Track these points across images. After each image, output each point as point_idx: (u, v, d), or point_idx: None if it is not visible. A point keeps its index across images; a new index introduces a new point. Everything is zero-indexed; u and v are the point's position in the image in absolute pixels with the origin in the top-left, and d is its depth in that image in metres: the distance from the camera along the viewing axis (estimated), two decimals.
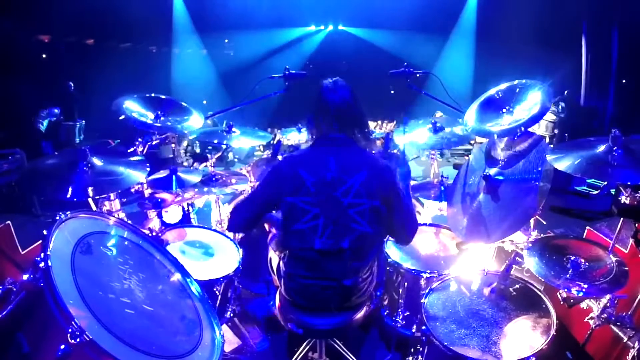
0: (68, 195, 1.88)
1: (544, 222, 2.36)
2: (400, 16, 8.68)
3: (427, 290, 2.00)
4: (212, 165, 3.17)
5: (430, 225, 2.71)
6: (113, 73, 7.21)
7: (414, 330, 2.25)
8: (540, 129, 6.15)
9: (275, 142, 3.44)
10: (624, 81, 6.41)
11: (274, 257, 2.23)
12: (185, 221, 3.52)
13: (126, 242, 1.82)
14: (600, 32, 6.72)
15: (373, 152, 2.89)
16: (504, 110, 2.26)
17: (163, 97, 2.81)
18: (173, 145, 5.76)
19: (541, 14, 7.27)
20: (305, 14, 9.43)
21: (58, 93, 6.66)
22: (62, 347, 1.19)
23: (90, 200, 2.19)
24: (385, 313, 2.45)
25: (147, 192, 2.66)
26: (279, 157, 2.54)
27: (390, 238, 2.10)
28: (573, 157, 1.78)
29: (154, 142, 2.71)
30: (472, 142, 4.38)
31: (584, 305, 1.89)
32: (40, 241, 1.44)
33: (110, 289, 1.51)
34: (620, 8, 6.38)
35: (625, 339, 1.89)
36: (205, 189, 2.92)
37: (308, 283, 1.91)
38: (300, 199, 1.83)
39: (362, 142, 1.93)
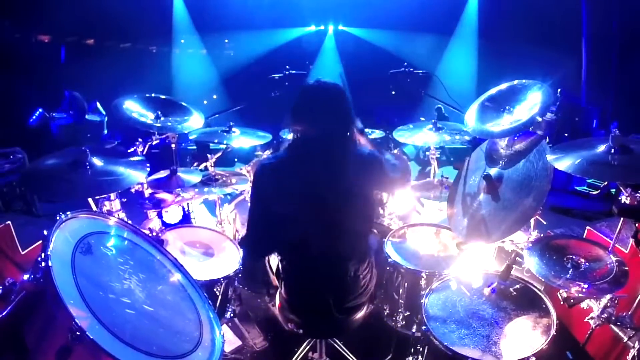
0: (68, 196, 1.88)
1: (544, 222, 2.36)
2: (400, 16, 8.66)
3: (427, 290, 2.00)
4: (212, 165, 3.17)
5: (430, 225, 2.71)
6: (113, 73, 7.20)
7: (414, 330, 2.26)
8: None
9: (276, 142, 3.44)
10: (624, 81, 6.40)
11: (271, 257, 2.24)
12: (185, 221, 3.52)
13: (126, 242, 1.82)
14: (600, 32, 6.71)
15: (372, 148, 2.85)
16: (504, 110, 2.26)
17: (163, 97, 2.82)
18: (173, 145, 5.75)
19: (542, 14, 7.26)
20: (305, 14, 9.42)
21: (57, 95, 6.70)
22: (62, 347, 1.19)
23: (90, 200, 2.19)
24: (385, 313, 2.45)
25: (147, 192, 2.66)
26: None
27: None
28: (573, 157, 1.78)
29: (154, 142, 2.71)
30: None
31: (584, 305, 1.89)
32: (41, 241, 1.44)
33: (111, 289, 1.51)
34: (620, 8, 6.37)
35: (626, 339, 1.89)
36: (206, 189, 2.92)
37: (307, 287, 1.91)
38: (288, 201, 1.78)
39: (349, 139, 1.81)
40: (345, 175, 1.73)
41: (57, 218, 1.56)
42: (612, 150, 1.74)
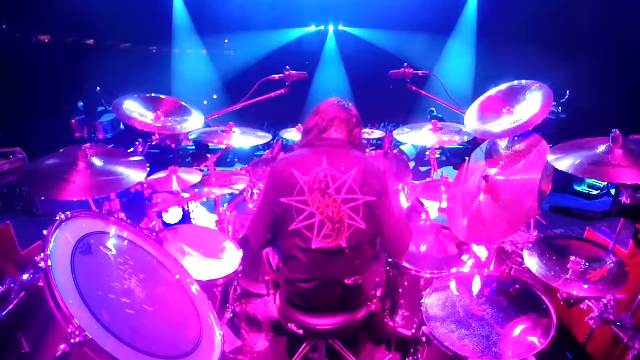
0: (68, 196, 1.88)
1: (544, 222, 2.36)
2: (400, 16, 8.67)
3: (427, 290, 2.00)
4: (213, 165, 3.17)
5: (430, 225, 2.71)
6: (113, 73, 7.21)
7: (414, 330, 2.26)
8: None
9: (275, 142, 3.44)
10: (624, 81, 6.40)
11: (270, 253, 2.24)
12: (185, 221, 3.52)
13: (126, 242, 1.82)
14: (601, 32, 6.71)
15: (373, 152, 2.90)
16: (504, 110, 2.26)
17: (163, 97, 2.81)
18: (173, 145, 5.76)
19: (542, 14, 7.26)
20: (305, 14, 9.43)
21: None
22: (62, 347, 1.19)
23: (90, 200, 2.19)
24: (385, 313, 2.45)
25: (147, 192, 2.65)
26: None
27: (385, 252, 2.10)
28: (573, 157, 1.78)
29: (153, 142, 2.70)
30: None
31: (584, 305, 1.89)
32: (40, 241, 1.43)
33: (110, 289, 1.51)
34: (621, 8, 6.37)
35: (625, 340, 1.88)
36: (206, 189, 2.92)
37: (309, 287, 1.92)
38: (294, 199, 1.84)
39: (355, 147, 1.98)
40: (349, 171, 1.84)
41: (57, 218, 1.56)
42: (612, 150, 1.74)
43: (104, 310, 1.38)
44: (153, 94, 2.80)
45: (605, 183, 5.46)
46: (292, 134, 3.67)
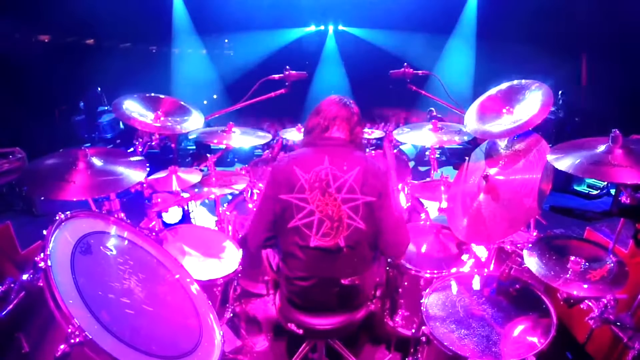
0: (68, 196, 1.88)
1: (544, 222, 2.35)
2: (400, 16, 8.67)
3: (427, 290, 2.00)
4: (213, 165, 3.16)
5: (430, 225, 2.71)
6: (113, 73, 7.21)
7: (414, 330, 2.26)
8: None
9: (275, 141, 3.44)
10: (624, 81, 6.40)
11: (270, 254, 2.24)
12: (185, 221, 3.52)
13: (126, 242, 1.82)
14: (601, 32, 6.71)
15: (373, 152, 2.90)
16: (505, 110, 2.26)
17: (163, 97, 2.81)
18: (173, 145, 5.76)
19: (542, 13, 7.26)
20: (305, 14, 9.43)
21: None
22: (62, 347, 1.19)
23: (90, 200, 2.19)
24: (385, 313, 2.45)
25: (147, 192, 2.65)
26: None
27: (383, 253, 2.09)
28: (573, 157, 1.78)
29: (153, 142, 2.70)
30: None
31: (584, 305, 1.89)
32: (40, 241, 1.44)
33: (110, 289, 1.51)
34: (621, 8, 6.37)
35: (625, 340, 1.88)
36: (206, 189, 2.92)
37: (308, 286, 1.92)
38: (295, 196, 1.84)
39: (356, 146, 1.99)
40: (350, 170, 1.84)
41: (57, 218, 1.56)
42: (612, 150, 1.74)
43: (104, 310, 1.38)
44: (153, 94, 2.80)
45: (605, 183, 5.46)
46: (292, 134, 3.67)
